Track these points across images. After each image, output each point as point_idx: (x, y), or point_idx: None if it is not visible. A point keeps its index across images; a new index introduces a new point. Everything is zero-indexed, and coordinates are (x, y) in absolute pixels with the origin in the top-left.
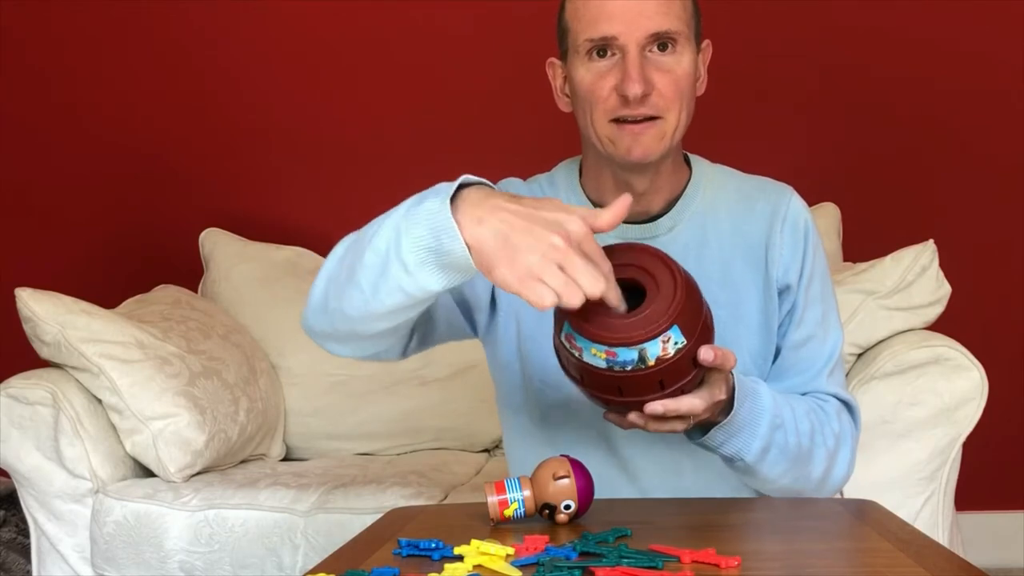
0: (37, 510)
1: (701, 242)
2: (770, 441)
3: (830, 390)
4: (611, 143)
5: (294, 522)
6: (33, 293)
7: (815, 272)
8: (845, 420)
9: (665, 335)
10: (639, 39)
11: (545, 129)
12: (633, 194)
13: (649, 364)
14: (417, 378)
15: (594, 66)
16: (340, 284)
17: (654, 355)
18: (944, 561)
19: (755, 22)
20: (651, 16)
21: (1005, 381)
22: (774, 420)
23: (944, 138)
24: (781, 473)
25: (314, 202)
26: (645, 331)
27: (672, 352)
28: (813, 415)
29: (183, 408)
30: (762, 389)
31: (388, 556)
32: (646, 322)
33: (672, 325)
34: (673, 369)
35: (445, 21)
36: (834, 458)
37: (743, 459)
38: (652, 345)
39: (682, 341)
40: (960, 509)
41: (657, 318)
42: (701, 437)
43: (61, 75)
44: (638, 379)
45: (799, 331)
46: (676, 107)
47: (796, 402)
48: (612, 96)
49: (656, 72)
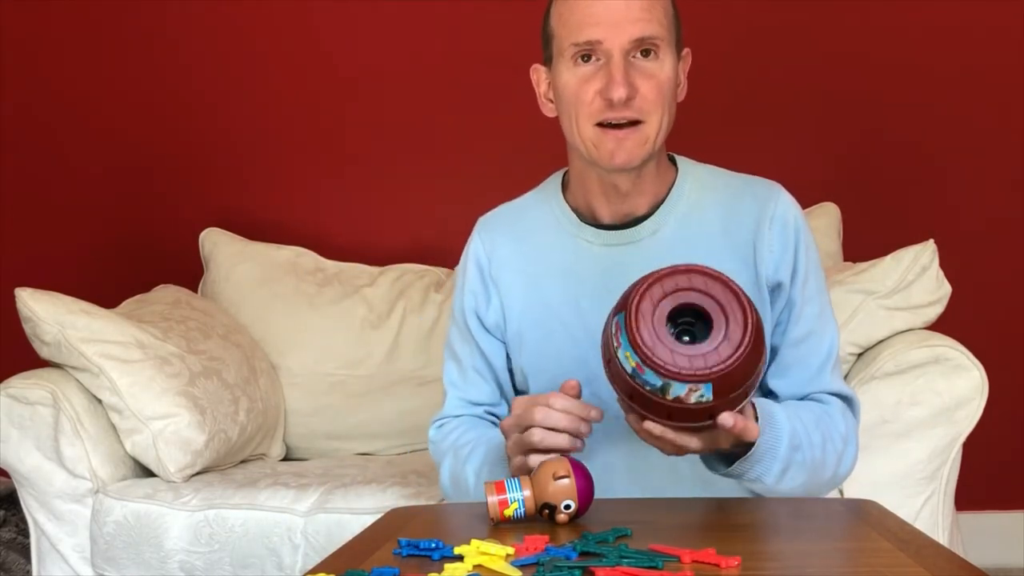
0: (37, 510)
1: (687, 243)
2: (789, 462)
3: (832, 387)
4: (595, 147)
5: (294, 522)
6: (33, 293)
7: (809, 269)
8: (848, 418)
9: (696, 385)
10: (623, 44)
11: (545, 127)
12: (618, 194)
13: (667, 397)
14: (417, 378)
15: (579, 71)
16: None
17: (675, 394)
18: (944, 561)
19: (755, 22)
20: (635, 22)
21: (1005, 381)
22: (792, 441)
23: (944, 138)
24: (797, 486)
25: (314, 202)
26: (679, 370)
27: (693, 401)
28: (822, 424)
29: (183, 408)
30: (777, 411)
31: (388, 556)
32: (688, 363)
33: (707, 382)
34: (686, 412)
35: (445, 21)
36: (841, 457)
37: (763, 482)
38: (679, 386)
39: (708, 398)
40: (960, 509)
41: (699, 367)
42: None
43: (61, 75)
44: (652, 401)
45: (798, 328)
46: (659, 111)
47: (805, 414)
48: (597, 100)
49: (639, 77)
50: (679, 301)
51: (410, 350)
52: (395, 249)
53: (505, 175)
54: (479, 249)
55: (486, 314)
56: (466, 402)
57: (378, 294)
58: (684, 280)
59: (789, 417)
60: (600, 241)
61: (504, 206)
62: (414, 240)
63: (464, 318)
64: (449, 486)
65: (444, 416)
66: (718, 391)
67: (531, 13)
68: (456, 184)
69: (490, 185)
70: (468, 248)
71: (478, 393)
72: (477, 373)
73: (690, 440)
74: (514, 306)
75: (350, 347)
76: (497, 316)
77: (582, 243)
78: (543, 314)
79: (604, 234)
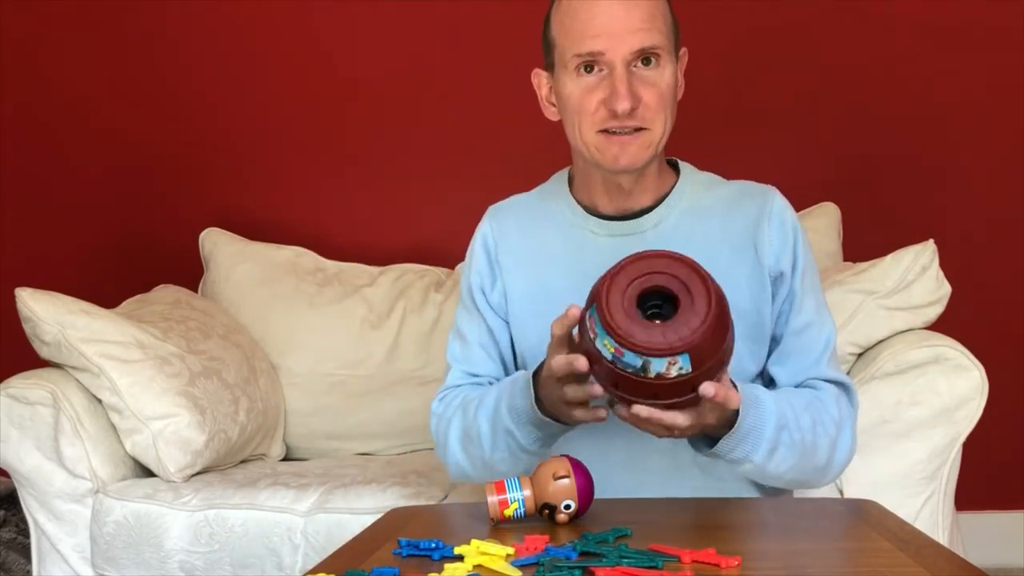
0: (37, 510)
1: (688, 235)
2: (776, 442)
3: (828, 375)
4: (599, 152)
5: (294, 522)
6: (33, 293)
7: (806, 264)
8: (843, 404)
9: (673, 359)
10: (625, 55)
11: (545, 127)
12: (620, 192)
13: (649, 376)
14: (417, 378)
15: (582, 81)
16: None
17: (656, 371)
18: (944, 561)
19: (755, 22)
20: (636, 32)
21: (1005, 381)
22: (779, 421)
23: (944, 138)
24: (787, 468)
25: (314, 202)
26: (656, 347)
27: (674, 375)
28: (812, 407)
29: (183, 408)
30: (762, 393)
31: (388, 556)
32: (662, 338)
33: (684, 353)
34: (669, 388)
35: (446, 22)
36: (836, 443)
37: (752, 461)
38: (658, 362)
39: (688, 369)
40: (960, 509)
41: (672, 340)
42: (707, 449)
43: (61, 75)
44: (636, 383)
45: (799, 317)
46: (661, 118)
47: (795, 398)
48: (600, 109)
49: (641, 86)
50: (645, 285)
51: (410, 350)
52: (395, 249)
53: (505, 175)
54: (487, 232)
55: (491, 293)
56: (469, 374)
57: (378, 294)
58: (646, 265)
59: (776, 400)
60: (604, 232)
61: (514, 197)
62: (414, 240)
63: (471, 295)
64: (459, 450)
65: (447, 388)
66: (695, 361)
67: (531, 13)
68: (456, 184)
69: (490, 185)
70: (478, 231)
71: (482, 368)
72: (483, 349)
73: (677, 417)
74: (516, 290)
75: (350, 347)
76: (500, 298)
77: (587, 234)
78: (545, 301)
79: (609, 225)
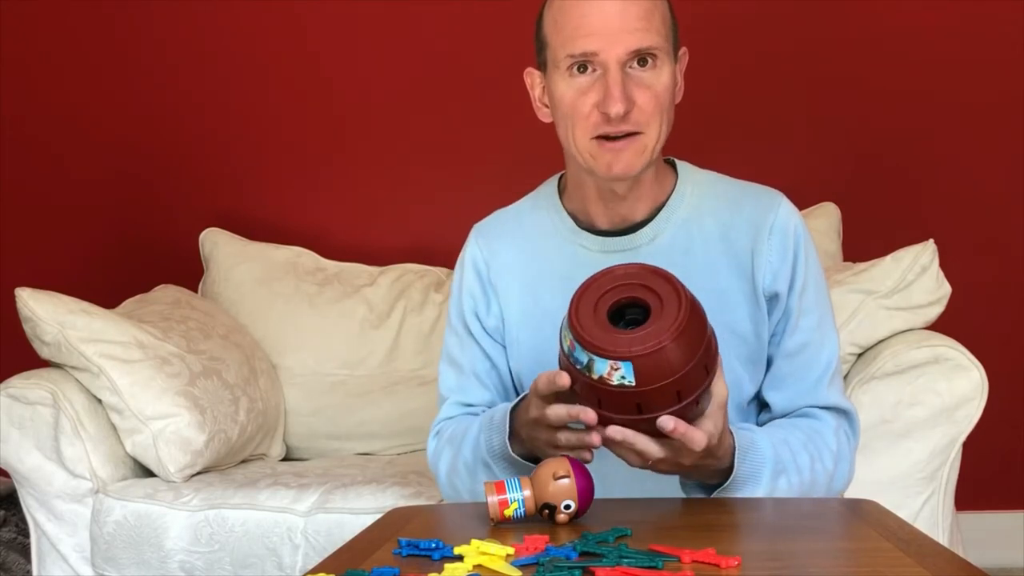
0: (37, 510)
1: (686, 250)
2: (773, 488)
3: (829, 401)
4: (592, 159)
5: (294, 522)
6: (33, 293)
7: (808, 279)
8: (843, 435)
9: (615, 363)
10: (619, 56)
11: (544, 128)
12: (615, 199)
13: (592, 376)
14: (417, 378)
15: (575, 82)
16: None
17: (599, 373)
18: (944, 561)
19: (756, 23)
20: (632, 32)
21: (1005, 381)
22: (776, 467)
23: (944, 138)
24: None
25: (314, 202)
26: (601, 346)
27: (615, 382)
28: (811, 444)
29: (183, 408)
30: (759, 438)
31: (388, 556)
32: (609, 339)
33: (626, 361)
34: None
35: (445, 23)
36: (833, 476)
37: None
38: (600, 363)
39: (630, 380)
40: (960, 509)
41: (617, 345)
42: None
43: (61, 75)
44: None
45: (794, 339)
46: (657, 122)
47: (792, 435)
48: (594, 113)
49: (637, 88)
50: (621, 295)
51: (410, 350)
52: (395, 249)
53: (505, 175)
54: (476, 255)
55: (487, 318)
56: (464, 405)
57: (378, 294)
58: (623, 275)
59: (774, 443)
60: (598, 248)
61: (499, 212)
62: (414, 240)
63: (464, 322)
64: (447, 483)
65: (440, 421)
66: (640, 375)
67: (532, 13)
68: (456, 184)
69: (490, 185)
70: (464, 254)
71: (478, 397)
72: (477, 378)
73: (650, 445)
74: (512, 310)
75: (350, 347)
76: (496, 321)
77: (580, 249)
78: (539, 319)
79: (602, 240)
